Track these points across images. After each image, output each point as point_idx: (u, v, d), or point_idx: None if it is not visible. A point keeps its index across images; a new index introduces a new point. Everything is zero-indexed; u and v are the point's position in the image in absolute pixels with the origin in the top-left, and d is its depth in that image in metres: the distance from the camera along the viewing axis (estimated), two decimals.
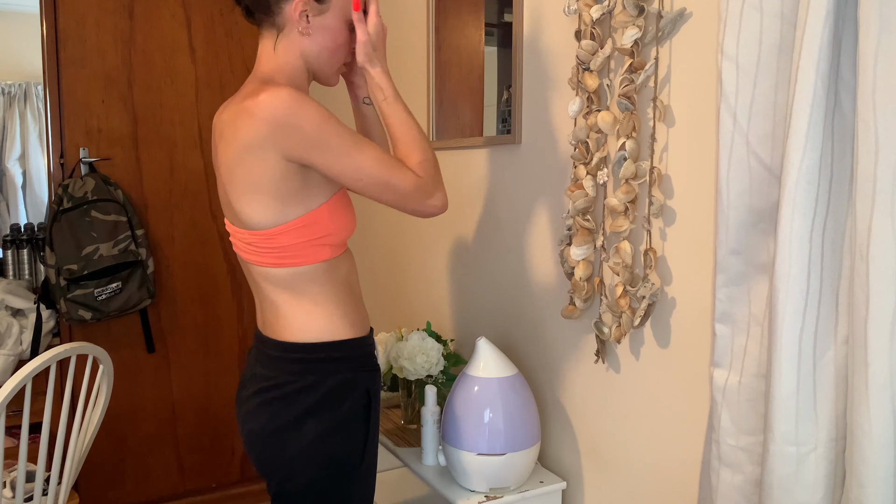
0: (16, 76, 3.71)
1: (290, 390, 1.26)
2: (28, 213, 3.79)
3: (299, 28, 1.26)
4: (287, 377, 1.26)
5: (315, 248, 1.25)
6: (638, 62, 1.25)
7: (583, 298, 1.40)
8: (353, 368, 1.29)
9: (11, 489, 1.95)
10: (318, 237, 1.25)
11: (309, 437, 1.24)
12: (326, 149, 1.18)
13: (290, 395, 1.25)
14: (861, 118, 0.85)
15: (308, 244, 1.24)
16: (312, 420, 1.25)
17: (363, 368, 1.30)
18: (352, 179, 1.21)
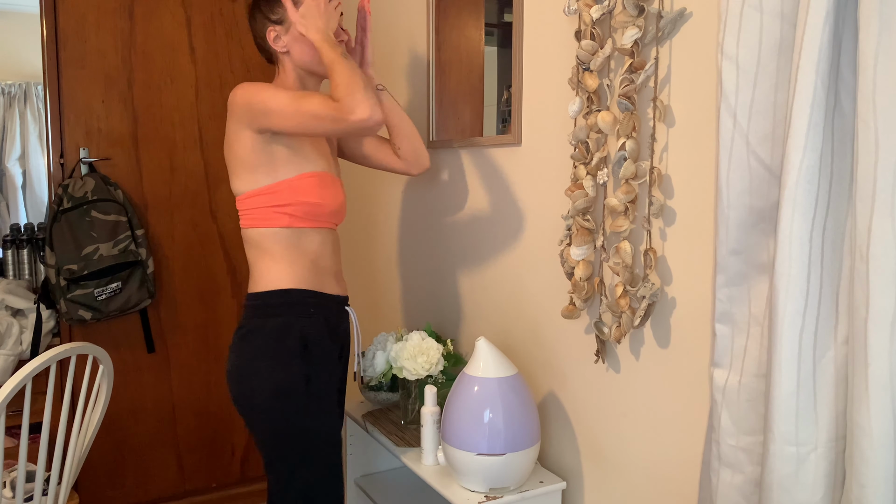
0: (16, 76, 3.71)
1: (245, 332, 1.56)
2: (28, 213, 3.79)
3: (279, 50, 1.60)
4: (244, 321, 1.58)
5: (276, 214, 1.54)
6: (638, 62, 1.25)
7: (583, 298, 1.40)
8: (289, 313, 1.55)
9: (11, 489, 1.95)
10: (278, 205, 1.54)
11: (260, 372, 1.52)
12: (272, 111, 1.47)
13: (245, 336, 1.56)
14: (861, 118, 0.85)
15: (270, 209, 1.54)
16: (261, 357, 1.53)
17: (299, 315, 1.56)
18: (296, 126, 1.47)
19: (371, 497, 1.86)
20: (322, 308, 1.61)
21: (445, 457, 1.50)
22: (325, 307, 1.62)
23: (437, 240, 2.00)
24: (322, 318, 1.60)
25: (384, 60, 2.24)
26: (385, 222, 2.29)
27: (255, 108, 1.48)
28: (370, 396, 1.90)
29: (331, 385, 1.60)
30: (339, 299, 1.67)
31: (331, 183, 1.60)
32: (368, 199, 2.38)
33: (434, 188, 2.00)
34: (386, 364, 1.76)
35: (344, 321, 1.69)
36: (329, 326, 1.61)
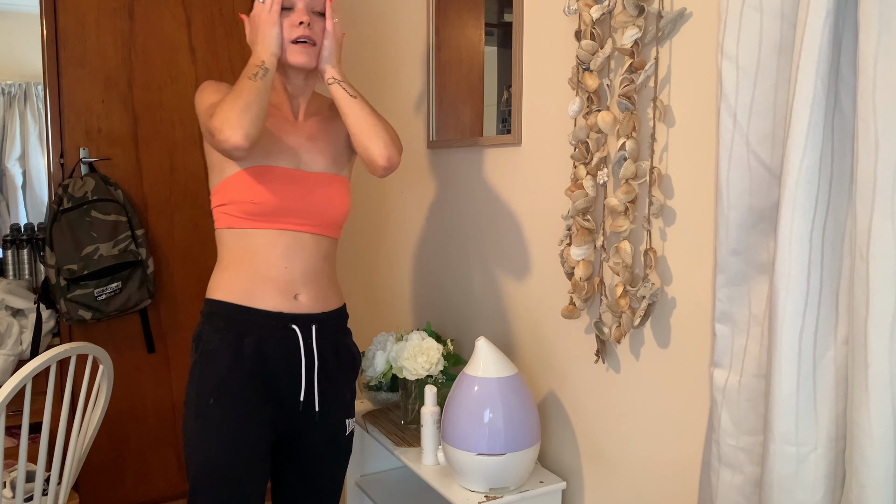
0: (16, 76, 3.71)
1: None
2: (28, 213, 3.79)
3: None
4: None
5: (220, 215, 1.48)
6: (638, 62, 1.25)
7: (583, 298, 1.40)
8: (205, 324, 1.49)
9: (11, 489, 1.95)
10: (221, 204, 1.47)
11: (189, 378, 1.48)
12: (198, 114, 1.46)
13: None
14: (861, 118, 0.85)
15: (218, 209, 1.49)
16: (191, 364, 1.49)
17: (211, 326, 1.47)
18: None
19: (371, 497, 1.86)
20: (238, 324, 1.46)
21: (445, 457, 1.50)
22: (242, 324, 1.46)
23: (437, 240, 2.00)
24: (233, 337, 1.45)
25: (384, 60, 2.24)
26: (385, 222, 2.29)
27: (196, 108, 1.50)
28: (370, 396, 1.90)
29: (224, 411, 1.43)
30: (281, 316, 1.46)
31: (279, 177, 1.45)
32: (368, 198, 2.38)
33: (434, 188, 2.00)
34: (386, 364, 1.76)
35: (286, 342, 1.48)
36: (238, 347, 1.44)
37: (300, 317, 1.49)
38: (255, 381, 1.46)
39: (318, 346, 1.50)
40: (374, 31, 2.29)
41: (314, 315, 1.51)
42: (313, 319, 1.51)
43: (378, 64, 2.27)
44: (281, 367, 1.48)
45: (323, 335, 1.52)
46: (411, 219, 2.13)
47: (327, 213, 1.51)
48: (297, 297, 1.49)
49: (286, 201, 1.45)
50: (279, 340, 1.47)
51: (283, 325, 1.47)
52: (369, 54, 2.32)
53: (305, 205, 1.48)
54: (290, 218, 1.47)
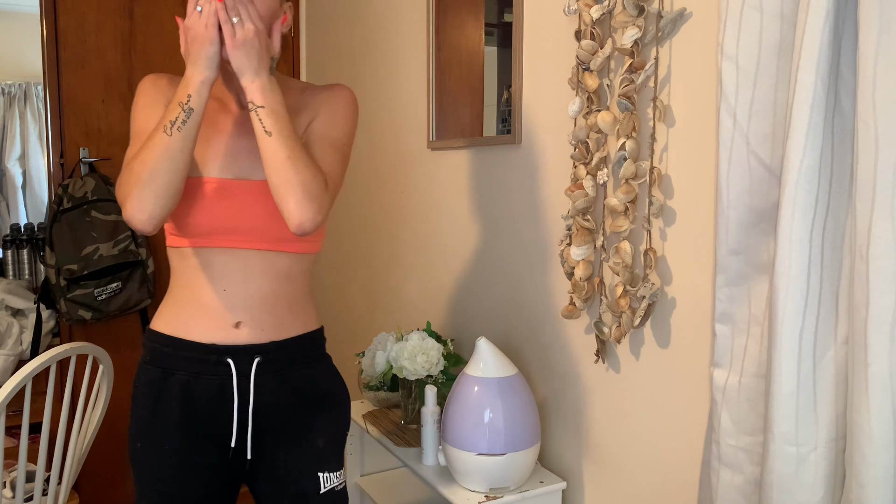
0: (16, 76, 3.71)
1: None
2: (28, 213, 3.79)
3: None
4: None
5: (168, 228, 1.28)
6: (638, 62, 1.25)
7: (583, 298, 1.40)
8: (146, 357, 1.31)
9: (11, 489, 1.95)
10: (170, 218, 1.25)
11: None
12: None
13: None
14: (861, 118, 0.85)
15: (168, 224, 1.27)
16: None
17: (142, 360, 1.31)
18: None
19: (371, 497, 1.86)
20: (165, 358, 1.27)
21: (445, 457, 1.50)
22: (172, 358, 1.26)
23: (437, 239, 2.00)
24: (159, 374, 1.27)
25: (384, 60, 2.24)
26: (384, 222, 2.29)
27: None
28: (370, 396, 1.90)
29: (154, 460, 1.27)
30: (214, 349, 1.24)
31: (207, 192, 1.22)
32: (367, 198, 2.38)
33: (434, 188, 2.00)
34: (386, 364, 1.76)
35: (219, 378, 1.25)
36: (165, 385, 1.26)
37: (238, 348, 1.25)
38: (186, 425, 1.26)
39: (257, 383, 1.26)
40: (374, 31, 2.29)
41: (258, 346, 1.26)
42: (256, 351, 1.26)
43: (378, 64, 2.27)
44: (213, 409, 1.26)
45: (269, 370, 1.27)
46: (411, 219, 2.13)
47: (272, 228, 1.24)
48: (237, 325, 1.25)
49: (217, 219, 1.22)
50: (210, 377, 1.25)
51: (215, 360, 1.25)
52: (369, 54, 2.32)
53: (241, 220, 1.23)
54: (227, 235, 1.23)
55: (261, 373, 1.27)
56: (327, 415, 1.34)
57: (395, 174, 2.20)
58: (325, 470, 1.32)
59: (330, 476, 1.32)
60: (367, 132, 2.36)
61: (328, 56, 2.66)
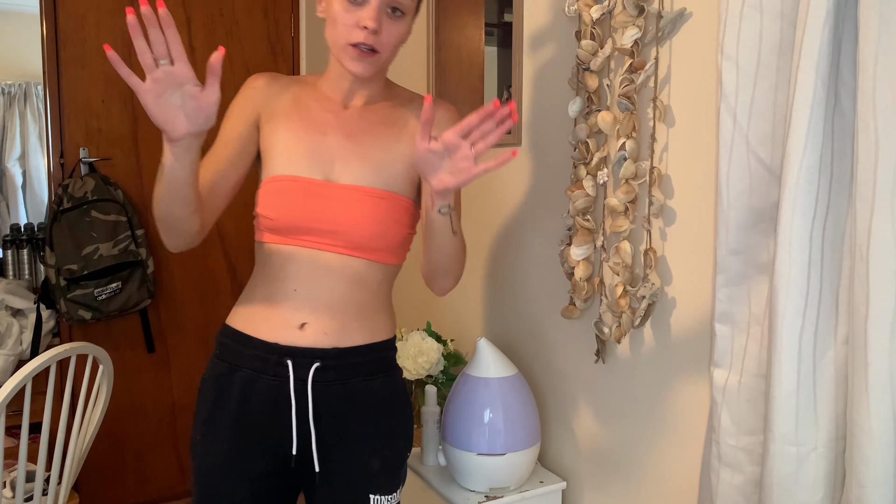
0: (16, 76, 3.71)
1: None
2: (28, 213, 3.79)
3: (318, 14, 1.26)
4: None
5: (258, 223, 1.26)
6: (638, 62, 1.25)
7: (583, 298, 1.40)
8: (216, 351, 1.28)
9: (11, 489, 1.95)
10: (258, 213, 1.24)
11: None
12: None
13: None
14: (861, 118, 0.85)
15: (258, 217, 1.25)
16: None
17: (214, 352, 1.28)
18: None
19: None
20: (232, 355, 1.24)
21: (445, 457, 1.50)
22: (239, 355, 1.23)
23: None
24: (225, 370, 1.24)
25: None
26: None
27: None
28: None
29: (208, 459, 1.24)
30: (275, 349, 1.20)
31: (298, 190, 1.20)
32: None
33: None
34: None
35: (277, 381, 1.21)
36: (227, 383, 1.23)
37: (299, 350, 1.20)
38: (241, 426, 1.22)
39: (315, 390, 1.21)
40: None
41: (319, 350, 1.21)
42: (317, 355, 1.21)
43: None
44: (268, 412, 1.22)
45: (327, 377, 1.21)
46: None
47: (352, 233, 1.20)
48: (302, 326, 1.21)
49: (302, 218, 1.19)
50: (271, 378, 1.21)
51: (276, 360, 1.21)
52: None
53: (325, 222, 1.20)
54: (311, 235, 1.21)
55: (319, 379, 1.20)
56: (385, 434, 1.27)
57: None
58: (377, 493, 1.27)
59: (381, 499, 1.27)
60: None
61: (328, 56, 2.66)
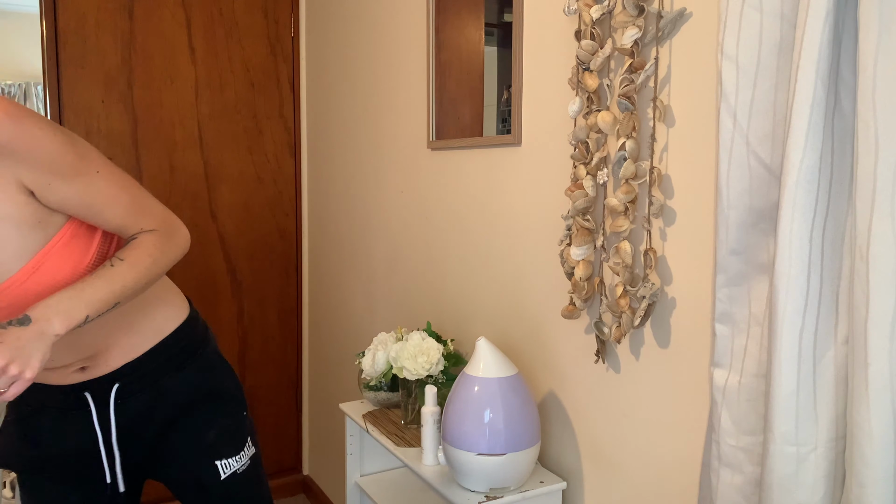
0: (16, 76, 3.71)
1: None
2: None
3: None
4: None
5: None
6: (638, 62, 1.25)
7: (583, 298, 1.40)
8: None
9: (11, 489, 1.94)
10: None
11: None
12: None
13: None
14: (861, 118, 0.85)
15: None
16: None
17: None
18: None
19: (371, 497, 1.86)
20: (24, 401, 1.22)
21: (445, 457, 1.50)
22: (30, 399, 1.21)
23: (437, 239, 2.00)
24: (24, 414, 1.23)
25: (384, 60, 2.24)
26: (384, 222, 2.29)
27: None
28: (370, 396, 1.90)
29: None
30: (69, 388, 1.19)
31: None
32: (368, 198, 2.38)
33: (434, 188, 2.00)
34: (386, 364, 1.76)
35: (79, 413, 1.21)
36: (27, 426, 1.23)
37: (90, 383, 1.19)
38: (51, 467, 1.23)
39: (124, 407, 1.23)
40: (374, 31, 2.29)
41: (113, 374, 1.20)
42: (113, 379, 1.21)
43: (378, 64, 2.27)
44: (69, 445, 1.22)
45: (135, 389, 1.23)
46: (411, 219, 2.13)
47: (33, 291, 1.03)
48: (82, 369, 1.19)
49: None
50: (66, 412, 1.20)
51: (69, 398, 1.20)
52: (369, 54, 2.32)
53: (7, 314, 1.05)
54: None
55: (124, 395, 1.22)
56: (212, 405, 1.33)
57: (395, 174, 2.20)
58: (221, 457, 1.32)
59: (230, 462, 1.32)
60: (367, 132, 2.37)
61: (328, 56, 2.66)
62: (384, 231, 2.29)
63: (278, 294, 2.87)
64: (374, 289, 2.38)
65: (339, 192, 2.61)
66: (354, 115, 2.46)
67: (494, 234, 1.76)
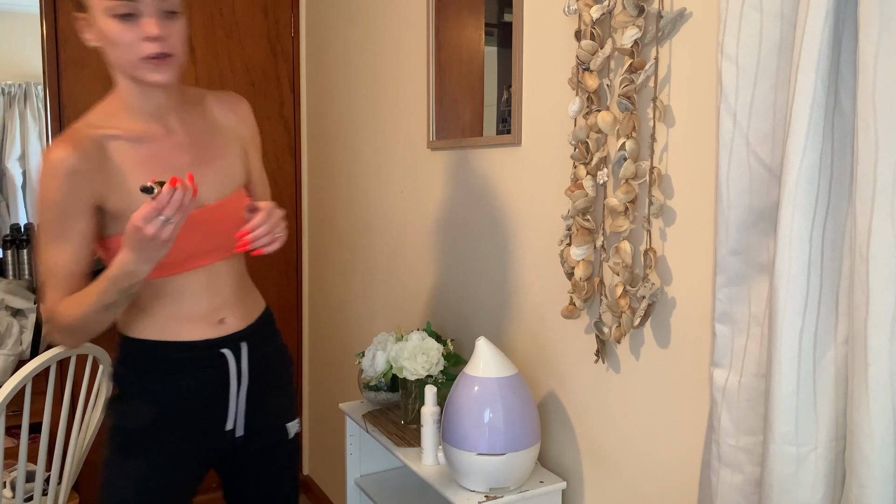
0: (16, 76, 3.71)
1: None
2: (28, 213, 3.79)
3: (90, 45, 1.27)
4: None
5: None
6: (638, 62, 1.25)
7: (583, 298, 1.40)
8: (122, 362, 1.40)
9: (11, 489, 1.95)
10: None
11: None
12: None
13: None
14: (861, 118, 0.85)
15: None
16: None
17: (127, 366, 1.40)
18: None
19: (371, 497, 1.86)
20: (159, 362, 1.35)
21: (445, 457, 1.50)
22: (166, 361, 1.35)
23: (437, 239, 2.00)
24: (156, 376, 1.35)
25: (384, 60, 2.24)
26: (384, 222, 2.29)
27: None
28: (370, 396, 1.90)
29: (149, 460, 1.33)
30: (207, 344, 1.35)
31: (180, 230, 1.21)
32: (368, 198, 2.38)
33: (434, 188, 2.00)
34: (386, 364, 1.76)
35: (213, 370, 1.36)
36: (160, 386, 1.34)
37: (228, 339, 1.37)
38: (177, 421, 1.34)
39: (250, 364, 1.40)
40: (374, 31, 2.29)
41: (241, 332, 1.39)
42: (241, 337, 1.39)
43: (378, 64, 2.27)
44: (205, 398, 1.37)
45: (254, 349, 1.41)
46: (411, 219, 2.13)
47: (235, 237, 1.26)
48: (222, 321, 1.37)
49: (193, 249, 1.28)
50: (206, 370, 1.35)
51: (210, 353, 1.35)
52: (369, 54, 2.32)
53: (215, 243, 1.32)
54: (202, 258, 1.32)
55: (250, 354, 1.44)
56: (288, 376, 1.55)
57: (395, 174, 2.20)
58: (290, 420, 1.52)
59: (292, 425, 1.52)
60: (367, 132, 2.37)
61: (328, 56, 2.66)
62: (384, 231, 2.29)
63: (278, 294, 2.87)
64: (374, 289, 2.38)
65: (339, 192, 2.61)
66: (354, 115, 2.46)
67: (494, 234, 1.76)
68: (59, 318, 1.22)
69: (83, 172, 1.20)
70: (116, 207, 1.23)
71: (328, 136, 2.69)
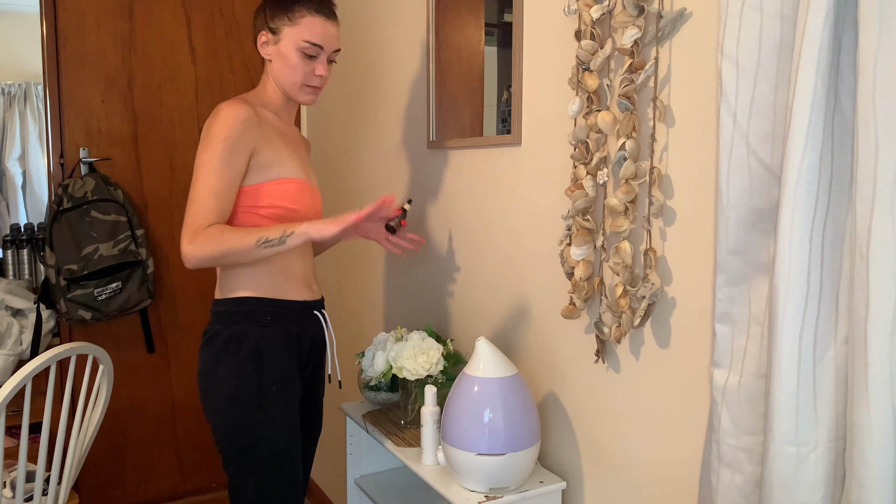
0: (16, 76, 3.71)
1: (206, 339, 1.60)
2: (28, 213, 3.79)
3: (264, 57, 1.64)
4: (208, 326, 1.61)
5: (249, 215, 1.57)
6: (638, 62, 1.25)
7: (583, 298, 1.40)
8: (245, 322, 1.58)
9: (11, 489, 1.95)
10: (253, 205, 1.57)
11: (217, 377, 1.56)
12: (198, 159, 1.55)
13: (206, 343, 1.60)
14: (861, 118, 0.85)
15: (247, 209, 1.57)
16: (219, 363, 1.57)
17: (254, 323, 1.58)
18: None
19: (371, 497, 1.86)
20: (281, 317, 1.62)
21: (445, 457, 1.50)
22: (286, 315, 1.62)
23: (437, 239, 2.00)
24: (281, 328, 1.61)
25: (384, 60, 2.24)
26: None
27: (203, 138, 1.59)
28: (370, 396, 1.90)
29: (285, 398, 1.60)
30: (307, 304, 1.67)
31: (306, 191, 1.65)
32: (368, 198, 2.38)
33: (434, 188, 2.00)
34: (386, 364, 1.76)
35: (313, 327, 1.69)
36: (289, 336, 1.62)
37: (318, 303, 1.71)
38: (300, 368, 1.66)
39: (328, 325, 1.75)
40: (374, 31, 2.29)
41: (321, 300, 1.73)
42: (321, 304, 1.73)
43: (378, 64, 2.27)
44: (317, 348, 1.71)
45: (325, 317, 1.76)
46: (411, 218, 2.12)
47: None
48: (311, 287, 1.70)
49: (307, 212, 1.64)
50: (309, 326, 1.67)
51: (311, 313, 1.68)
52: (369, 54, 2.32)
53: (315, 216, 1.69)
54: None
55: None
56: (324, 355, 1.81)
57: (395, 174, 2.20)
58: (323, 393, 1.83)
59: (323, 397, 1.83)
60: (367, 132, 2.37)
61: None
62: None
63: None
64: (374, 289, 2.38)
65: (339, 192, 2.61)
66: (354, 114, 2.46)
67: (494, 234, 1.76)
68: (208, 236, 1.46)
69: (251, 122, 1.55)
70: (266, 158, 1.57)
71: (328, 137, 2.69)
